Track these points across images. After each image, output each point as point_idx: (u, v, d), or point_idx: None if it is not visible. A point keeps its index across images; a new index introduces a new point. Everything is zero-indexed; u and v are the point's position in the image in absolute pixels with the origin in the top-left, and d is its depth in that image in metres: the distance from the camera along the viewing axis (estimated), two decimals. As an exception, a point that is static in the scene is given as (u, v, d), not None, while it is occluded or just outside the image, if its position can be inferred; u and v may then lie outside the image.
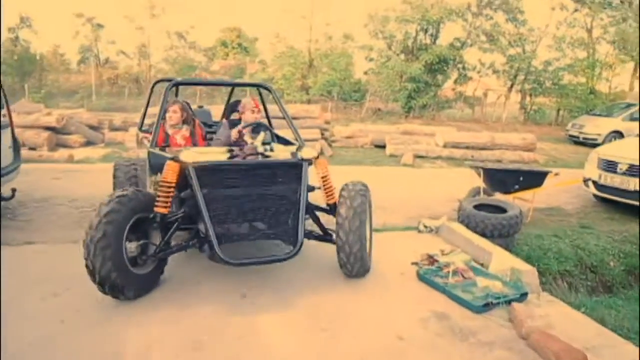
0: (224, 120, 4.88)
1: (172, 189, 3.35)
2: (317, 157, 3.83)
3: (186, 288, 3.64)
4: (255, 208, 3.42)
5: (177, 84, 4.55)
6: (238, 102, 5.03)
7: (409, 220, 6.01)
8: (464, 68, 22.60)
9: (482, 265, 4.00)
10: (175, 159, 3.37)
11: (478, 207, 5.15)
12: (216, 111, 6.05)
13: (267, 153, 3.70)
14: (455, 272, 3.65)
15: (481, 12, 21.84)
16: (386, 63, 21.40)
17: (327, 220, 3.96)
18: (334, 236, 3.69)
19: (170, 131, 4.56)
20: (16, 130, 11.02)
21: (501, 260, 3.81)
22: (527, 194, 6.12)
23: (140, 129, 5.58)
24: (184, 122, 4.62)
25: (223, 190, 3.34)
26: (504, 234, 4.76)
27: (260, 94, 5.49)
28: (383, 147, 12.51)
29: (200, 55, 29.44)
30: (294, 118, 11.67)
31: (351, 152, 12.40)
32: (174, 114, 4.53)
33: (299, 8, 22.39)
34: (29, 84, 19.90)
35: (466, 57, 22.45)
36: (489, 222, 4.77)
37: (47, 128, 11.03)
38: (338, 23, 29.49)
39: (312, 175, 3.92)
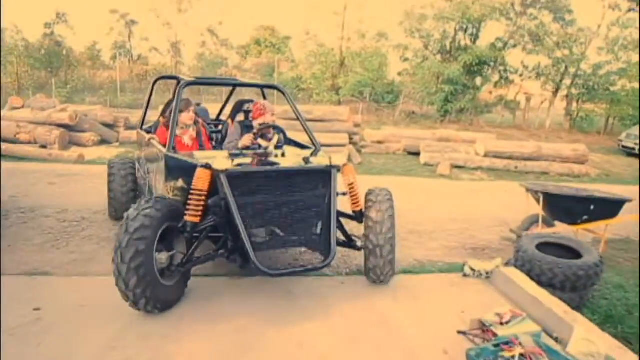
0: (235, 122, 4.64)
1: (203, 197, 3.25)
2: (345, 164, 3.82)
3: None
4: (285, 215, 3.36)
5: (188, 84, 4.26)
6: (244, 101, 4.89)
7: (449, 253, 4.97)
8: (505, 70, 21.26)
9: (556, 339, 2.90)
10: (207, 166, 3.24)
11: (541, 246, 4.00)
12: (213, 109, 5.89)
13: (283, 160, 3.60)
14: (522, 359, 2.57)
15: (526, 11, 20.43)
16: (422, 63, 20.34)
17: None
18: (360, 242, 3.76)
19: (178, 131, 4.33)
20: (29, 127, 10.64)
21: (586, 337, 2.71)
22: (597, 226, 4.96)
23: (141, 128, 5.36)
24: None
25: (254, 197, 3.27)
26: (578, 287, 3.58)
27: (263, 95, 5.22)
28: (417, 154, 11.48)
29: (232, 53, 29.01)
30: (321, 121, 10.94)
31: (382, 159, 11.37)
32: (187, 115, 4.35)
33: (331, 4, 21.41)
34: (56, 79, 19.69)
35: (508, 59, 21.12)
36: (560, 270, 3.57)
37: (60, 125, 10.47)
38: (372, 20, 28.58)
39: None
